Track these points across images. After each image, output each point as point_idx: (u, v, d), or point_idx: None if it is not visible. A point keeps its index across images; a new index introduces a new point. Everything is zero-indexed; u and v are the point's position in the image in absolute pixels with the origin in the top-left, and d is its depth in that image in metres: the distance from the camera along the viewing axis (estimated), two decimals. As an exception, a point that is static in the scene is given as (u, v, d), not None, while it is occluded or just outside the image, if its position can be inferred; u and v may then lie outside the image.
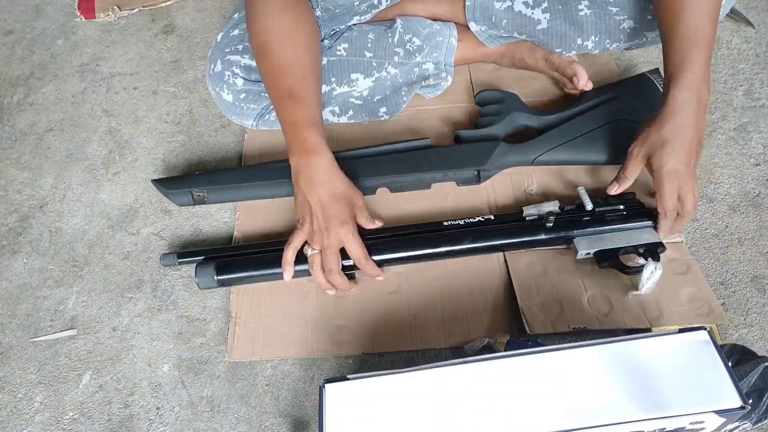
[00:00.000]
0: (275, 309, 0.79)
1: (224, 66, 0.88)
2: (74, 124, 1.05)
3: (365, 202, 0.80)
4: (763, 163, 0.90)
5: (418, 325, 0.77)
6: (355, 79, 0.91)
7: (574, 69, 0.92)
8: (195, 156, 0.98)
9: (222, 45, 0.89)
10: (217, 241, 0.88)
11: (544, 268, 0.79)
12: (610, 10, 0.88)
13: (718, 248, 0.82)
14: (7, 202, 0.96)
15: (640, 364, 0.55)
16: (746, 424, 0.62)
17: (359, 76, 0.91)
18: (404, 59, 0.93)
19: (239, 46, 0.88)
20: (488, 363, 0.57)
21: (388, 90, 0.93)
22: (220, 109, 0.93)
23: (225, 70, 0.87)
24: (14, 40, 1.21)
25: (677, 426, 0.53)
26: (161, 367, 0.77)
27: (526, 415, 0.53)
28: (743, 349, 0.68)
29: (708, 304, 0.75)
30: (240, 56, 0.87)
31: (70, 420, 0.74)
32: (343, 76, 0.91)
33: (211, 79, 0.89)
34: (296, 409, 0.73)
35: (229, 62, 0.87)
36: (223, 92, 0.88)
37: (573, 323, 0.74)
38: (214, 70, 0.89)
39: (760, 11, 1.09)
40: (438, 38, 0.96)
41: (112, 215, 0.92)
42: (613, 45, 0.92)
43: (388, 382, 0.57)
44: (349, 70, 0.91)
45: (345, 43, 0.92)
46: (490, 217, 0.81)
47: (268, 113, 0.91)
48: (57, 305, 0.84)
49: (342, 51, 0.91)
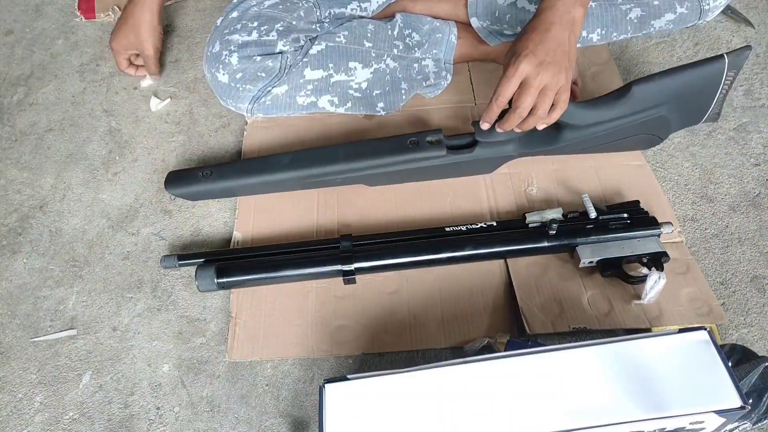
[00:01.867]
0: (275, 309, 0.79)
1: (222, 46, 0.88)
2: (74, 124, 1.05)
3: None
4: (763, 163, 0.90)
5: (418, 325, 0.77)
6: (354, 68, 0.91)
7: None
8: (195, 156, 0.98)
9: (221, 27, 0.90)
10: (217, 240, 0.88)
11: (544, 269, 0.79)
12: (615, 1, 0.88)
13: (718, 248, 0.82)
14: (7, 202, 0.96)
15: (640, 364, 0.55)
16: (746, 424, 0.62)
17: (357, 65, 0.91)
18: (403, 53, 0.93)
19: (237, 25, 0.88)
20: (488, 363, 0.57)
21: (387, 85, 0.94)
22: (216, 95, 0.93)
23: (223, 49, 0.88)
24: (14, 40, 1.21)
25: (677, 426, 0.53)
26: (161, 367, 0.77)
27: (526, 415, 0.53)
28: (743, 349, 0.68)
29: (708, 304, 0.75)
30: (238, 35, 0.88)
31: (70, 420, 0.74)
32: (341, 63, 0.91)
33: (208, 61, 0.90)
34: (296, 409, 0.73)
35: (227, 42, 0.88)
36: (218, 73, 0.89)
37: (573, 323, 0.74)
38: (212, 51, 0.89)
39: (760, 11, 1.09)
40: (438, 35, 0.96)
41: (112, 215, 0.92)
42: (620, 36, 0.91)
43: (388, 382, 0.57)
44: (347, 58, 0.91)
45: (345, 30, 0.92)
46: (492, 224, 0.80)
47: (264, 95, 0.91)
48: (57, 305, 0.84)
49: (341, 38, 0.91)
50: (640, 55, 1.05)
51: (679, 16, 0.89)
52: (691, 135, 0.94)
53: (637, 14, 0.88)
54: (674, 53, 1.04)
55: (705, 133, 0.94)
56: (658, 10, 0.87)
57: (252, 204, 0.90)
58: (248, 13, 0.89)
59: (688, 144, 0.93)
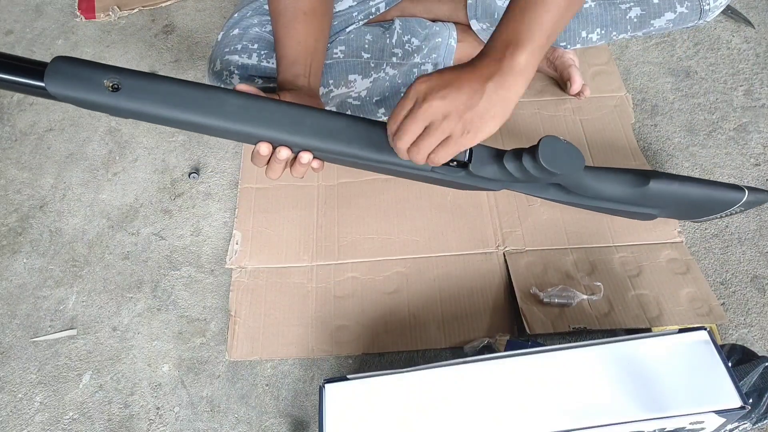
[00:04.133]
0: (275, 308, 0.79)
1: (223, 65, 0.88)
2: (74, 124, 1.05)
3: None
4: (763, 163, 0.90)
5: (418, 325, 0.77)
6: (353, 80, 0.91)
7: (570, 73, 0.92)
8: (195, 156, 0.98)
9: (222, 45, 0.89)
10: (217, 240, 0.88)
11: (544, 268, 0.79)
12: (614, 0, 0.88)
13: (718, 248, 0.82)
14: (7, 202, 0.96)
15: (640, 365, 0.55)
16: (746, 424, 0.62)
17: (357, 77, 0.91)
18: (402, 60, 0.93)
19: (238, 45, 0.88)
20: (488, 363, 0.57)
21: (387, 91, 0.93)
22: None
23: (224, 69, 0.88)
24: (14, 40, 1.21)
25: (677, 426, 0.53)
26: (161, 367, 0.77)
27: (526, 415, 0.53)
28: (743, 349, 0.68)
29: (708, 304, 0.75)
30: (238, 56, 0.87)
31: (70, 420, 0.74)
32: (340, 79, 0.91)
33: (211, 78, 0.90)
34: (296, 409, 0.73)
35: (227, 62, 0.87)
36: None
37: (573, 323, 0.74)
38: (214, 70, 0.89)
39: (760, 11, 1.09)
40: (437, 39, 0.96)
41: (112, 215, 0.92)
42: (619, 36, 0.91)
43: (388, 382, 0.57)
44: (347, 72, 0.91)
45: (342, 45, 0.92)
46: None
47: None
48: (57, 305, 0.84)
49: (339, 53, 0.91)
50: (640, 55, 1.05)
51: (679, 16, 0.89)
52: (691, 135, 0.94)
53: (637, 13, 0.88)
54: (674, 53, 1.04)
55: (705, 133, 0.94)
56: (658, 9, 0.87)
57: (252, 204, 0.90)
58: (249, 33, 0.88)
59: (688, 144, 0.93)
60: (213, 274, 0.85)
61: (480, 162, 0.66)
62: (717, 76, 1.01)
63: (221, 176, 0.95)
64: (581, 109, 0.97)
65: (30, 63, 0.60)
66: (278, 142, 0.62)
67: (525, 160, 0.63)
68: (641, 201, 0.75)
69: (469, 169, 0.66)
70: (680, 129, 0.95)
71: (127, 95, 0.59)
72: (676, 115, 0.97)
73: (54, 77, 0.58)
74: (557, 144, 0.63)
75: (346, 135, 0.63)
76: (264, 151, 0.62)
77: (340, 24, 0.92)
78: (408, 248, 0.83)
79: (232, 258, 0.84)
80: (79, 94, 0.58)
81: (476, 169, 0.66)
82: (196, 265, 0.86)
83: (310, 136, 0.62)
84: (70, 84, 0.58)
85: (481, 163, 0.66)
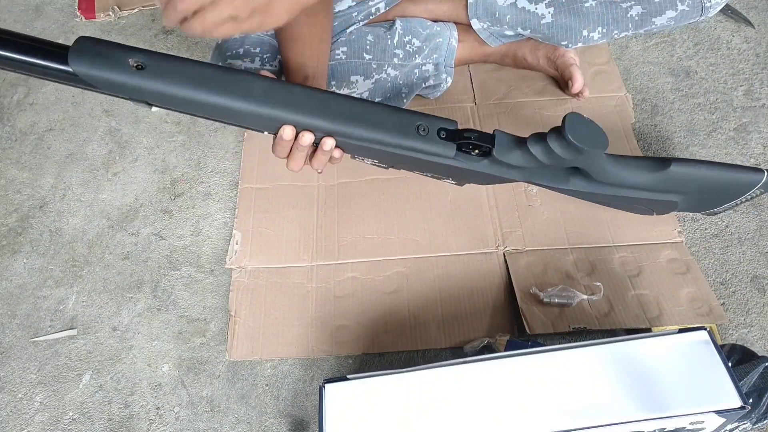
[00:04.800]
0: (275, 308, 0.79)
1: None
2: (74, 124, 1.05)
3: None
4: (763, 163, 0.90)
5: (418, 325, 0.77)
6: (355, 81, 0.91)
7: (571, 72, 0.92)
8: (195, 156, 0.98)
9: (223, 48, 0.89)
10: (217, 240, 0.88)
11: (544, 268, 0.79)
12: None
13: (718, 248, 0.82)
14: (7, 202, 0.96)
15: (640, 365, 0.55)
16: (746, 424, 0.62)
17: (359, 78, 0.91)
18: (404, 61, 0.93)
19: (240, 50, 0.88)
20: (488, 363, 0.57)
21: (388, 92, 0.93)
22: None
23: None
24: (14, 40, 1.21)
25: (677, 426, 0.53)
26: (161, 367, 0.77)
27: (526, 415, 0.53)
28: (743, 349, 0.68)
29: (708, 304, 0.75)
30: (241, 60, 0.87)
31: (70, 420, 0.74)
32: (342, 80, 0.91)
33: None
34: (296, 409, 0.73)
35: (229, 66, 0.87)
36: None
37: (573, 323, 0.74)
38: None
39: (760, 11, 1.09)
40: (438, 39, 0.96)
41: (112, 215, 0.92)
42: (621, 34, 0.91)
43: (388, 382, 0.57)
44: (349, 73, 0.91)
45: (343, 47, 0.92)
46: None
47: None
48: (57, 305, 0.84)
49: (341, 54, 0.91)
50: (640, 54, 1.05)
51: (681, 13, 0.89)
52: (691, 135, 0.94)
53: (638, 11, 0.87)
54: (674, 53, 1.04)
55: (705, 133, 0.94)
56: (659, 7, 0.87)
57: (252, 204, 0.90)
58: (250, 37, 0.88)
59: (688, 144, 0.93)
60: (213, 274, 0.85)
61: (504, 148, 0.65)
62: (717, 76, 1.01)
63: (221, 176, 0.95)
64: (581, 109, 0.96)
65: (52, 45, 0.58)
66: (303, 126, 0.61)
67: (550, 139, 0.63)
68: (663, 186, 0.74)
69: (493, 155, 0.65)
70: (680, 129, 0.95)
71: (152, 75, 0.57)
72: (676, 115, 0.97)
73: (78, 56, 0.56)
74: (581, 120, 0.62)
75: (371, 120, 0.62)
76: (288, 134, 0.61)
77: (340, 25, 0.92)
78: (408, 248, 0.83)
79: (232, 258, 0.84)
80: (104, 72, 0.56)
81: (500, 154, 0.65)
82: (196, 265, 0.86)
83: (336, 119, 0.61)
84: (95, 62, 0.56)
85: (506, 149, 0.65)
